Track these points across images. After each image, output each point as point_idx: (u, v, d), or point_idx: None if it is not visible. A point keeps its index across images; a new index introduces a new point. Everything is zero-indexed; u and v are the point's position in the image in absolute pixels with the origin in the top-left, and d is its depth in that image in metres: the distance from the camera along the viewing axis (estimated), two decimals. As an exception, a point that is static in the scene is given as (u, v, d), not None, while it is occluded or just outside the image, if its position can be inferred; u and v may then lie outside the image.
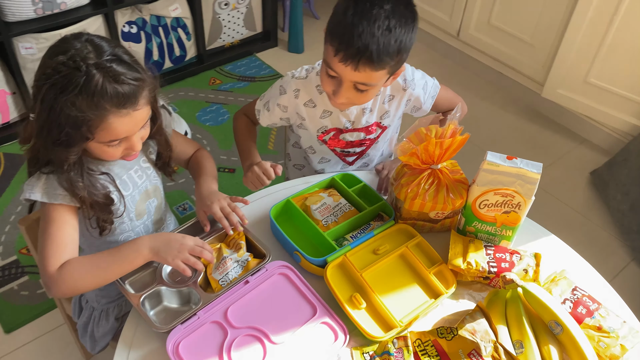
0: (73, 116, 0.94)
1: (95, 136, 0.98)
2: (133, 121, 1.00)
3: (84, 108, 0.94)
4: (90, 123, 0.95)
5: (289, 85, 1.36)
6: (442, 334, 1.04)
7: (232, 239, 1.16)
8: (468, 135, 1.14)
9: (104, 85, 0.93)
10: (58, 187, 1.02)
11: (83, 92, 0.92)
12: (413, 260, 1.17)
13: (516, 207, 1.16)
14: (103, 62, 0.94)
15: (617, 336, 1.03)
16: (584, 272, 1.22)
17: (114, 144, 1.02)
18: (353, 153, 1.47)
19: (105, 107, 0.95)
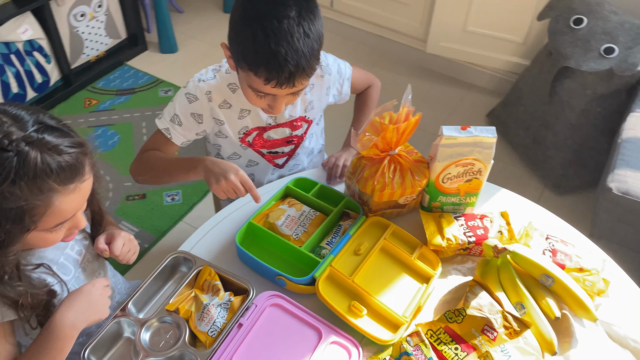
0: (14, 209, 0.76)
1: (39, 225, 0.81)
2: (80, 195, 0.85)
3: (25, 195, 0.76)
4: (34, 211, 0.78)
5: (198, 90, 1.24)
6: (451, 318, 1.03)
7: (204, 280, 1.05)
8: (420, 114, 1.12)
9: (44, 161, 0.76)
10: None
11: (20, 176, 0.75)
12: (395, 251, 1.14)
13: (477, 174, 1.18)
14: (30, 134, 0.76)
15: (598, 272, 1.10)
16: (542, 216, 1.28)
17: (58, 227, 0.85)
18: (282, 153, 1.39)
19: (50, 187, 0.78)
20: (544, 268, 1.07)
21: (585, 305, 1.03)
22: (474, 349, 0.99)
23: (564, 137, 2.12)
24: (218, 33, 3.12)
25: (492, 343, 0.98)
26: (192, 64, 2.89)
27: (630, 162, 1.60)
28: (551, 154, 2.18)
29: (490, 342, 0.99)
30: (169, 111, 1.26)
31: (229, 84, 1.24)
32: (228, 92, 1.25)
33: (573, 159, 2.14)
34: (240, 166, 1.37)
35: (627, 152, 1.64)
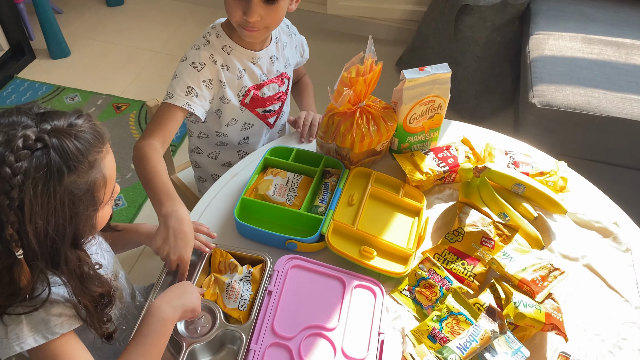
0: (82, 194, 0.76)
1: (104, 199, 0.82)
2: (112, 155, 0.85)
3: (84, 176, 0.77)
4: (97, 186, 0.79)
5: (201, 56, 1.25)
6: (452, 238, 1.14)
7: (218, 262, 1.06)
8: (381, 63, 1.20)
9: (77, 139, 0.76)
10: (48, 320, 0.79)
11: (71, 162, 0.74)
12: (383, 194, 1.22)
13: (438, 109, 1.28)
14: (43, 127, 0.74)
15: (555, 172, 1.26)
16: (494, 137, 1.43)
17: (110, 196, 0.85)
18: (273, 111, 1.44)
19: (95, 158, 0.79)
20: (515, 178, 1.20)
21: (555, 200, 1.19)
22: (478, 260, 1.11)
23: (473, 70, 2.31)
24: (108, 27, 2.96)
25: (492, 251, 1.11)
26: (91, 65, 2.74)
27: (543, 77, 1.80)
28: (463, 87, 2.37)
29: (490, 250, 1.11)
30: (180, 87, 1.22)
31: (222, 47, 1.26)
32: (224, 54, 1.27)
33: (483, 88, 2.35)
34: (236, 130, 1.40)
35: (538, 70, 1.84)
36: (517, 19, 2.22)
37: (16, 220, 0.72)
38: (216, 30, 1.29)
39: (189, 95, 1.22)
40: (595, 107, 1.70)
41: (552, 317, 0.96)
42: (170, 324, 0.89)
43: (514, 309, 0.97)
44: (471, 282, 1.08)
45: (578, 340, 1.02)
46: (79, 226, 0.79)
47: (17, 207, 0.71)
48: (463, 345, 0.92)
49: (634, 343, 1.02)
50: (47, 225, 0.74)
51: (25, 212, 0.71)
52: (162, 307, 0.89)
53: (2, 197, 0.70)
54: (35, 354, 0.80)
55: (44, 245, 0.76)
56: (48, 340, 0.79)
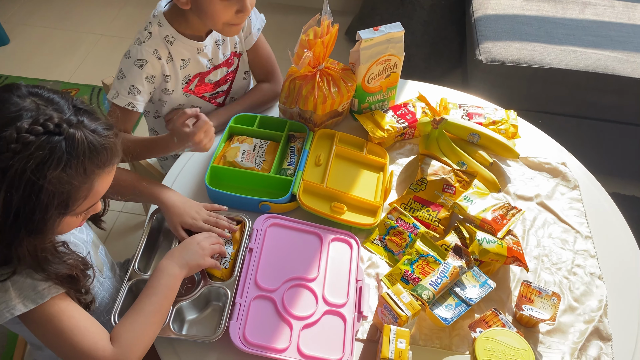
0: (62, 193, 0.75)
1: (76, 209, 0.80)
2: (111, 178, 0.85)
3: (73, 179, 0.75)
4: (78, 195, 0.78)
5: (144, 53, 1.21)
6: (416, 188, 1.20)
7: (199, 226, 1.10)
8: (337, 25, 1.23)
9: (91, 143, 0.76)
10: (36, 284, 0.81)
11: (71, 158, 0.74)
12: (348, 153, 1.27)
13: (394, 68, 1.33)
14: (70, 117, 0.76)
15: (506, 120, 1.34)
16: (448, 93, 1.49)
17: (86, 211, 0.85)
18: (221, 92, 1.42)
19: (93, 170, 0.78)
20: (470, 128, 1.28)
21: (508, 146, 1.27)
22: (442, 206, 1.18)
23: (421, 34, 2.38)
24: (48, 12, 2.86)
25: (453, 197, 1.18)
26: (33, 52, 2.65)
27: (488, 35, 1.89)
28: (413, 52, 2.42)
29: (452, 196, 1.18)
30: (123, 86, 1.21)
31: (164, 37, 1.23)
32: (167, 45, 1.24)
33: (432, 52, 2.42)
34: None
35: (483, 28, 1.92)
36: (460, -18, 2.30)
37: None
38: (158, 19, 1.23)
39: (132, 94, 1.22)
40: (538, 60, 1.80)
41: (513, 250, 1.05)
42: (177, 280, 0.94)
43: (479, 246, 1.04)
44: (436, 226, 1.15)
45: (537, 270, 1.11)
46: (41, 219, 0.77)
47: (2, 170, 0.72)
48: (435, 282, 0.99)
49: (586, 268, 1.12)
50: (18, 204, 0.74)
51: (5, 179, 0.72)
52: (170, 264, 0.94)
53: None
54: (28, 319, 0.82)
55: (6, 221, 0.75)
56: (38, 305, 0.80)
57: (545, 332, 1.02)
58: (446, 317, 0.97)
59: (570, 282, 1.10)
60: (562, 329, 1.02)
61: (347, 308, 1.01)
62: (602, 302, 1.06)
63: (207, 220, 1.08)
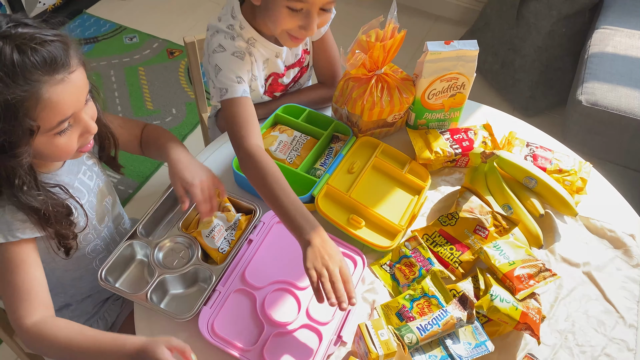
0: (4, 103, 0.75)
1: (39, 122, 0.80)
2: (73, 88, 0.82)
3: (9, 89, 0.75)
4: (24, 104, 0.77)
5: (238, 46, 1.16)
6: (445, 222, 1.10)
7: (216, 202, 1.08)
8: (405, 31, 1.15)
9: (22, 51, 0.76)
10: (12, 222, 0.85)
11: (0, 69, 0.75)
12: (386, 167, 1.19)
13: (461, 88, 1.22)
14: (4, 30, 0.76)
15: (576, 172, 1.18)
16: (522, 127, 1.35)
17: (64, 127, 0.84)
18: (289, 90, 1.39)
19: (34, 78, 0.77)
20: (527, 171, 1.14)
21: (567, 201, 1.12)
22: (468, 247, 1.06)
23: (532, 60, 2.18)
24: None
25: (484, 241, 1.06)
26: (153, 8, 2.81)
27: (598, 75, 1.68)
28: (519, 77, 2.25)
29: (482, 240, 1.06)
30: (228, 78, 1.12)
31: (248, 40, 1.18)
32: (250, 47, 1.18)
33: (540, 81, 2.22)
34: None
35: (594, 67, 1.71)
36: (588, 11, 2.07)
37: None
38: (239, 22, 1.17)
39: (241, 83, 1.13)
40: (649, 113, 1.57)
41: (527, 317, 0.92)
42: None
43: (489, 302, 0.93)
44: (456, 268, 1.04)
45: (556, 347, 0.97)
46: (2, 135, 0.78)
47: None
48: (423, 326, 0.90)
49: (617, 361, 0.96)
50: None
51: None
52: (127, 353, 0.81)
53: None
54: None
55: None
56: (7, 242, 0.84)
57: (541, 419, 0.88)
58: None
59: (591, 371, 0.94)
60: (561, 422, 0.88)
61: (327, 328, 0.95)
62: (622, 406, 0.90)
63: (203, 190, 1.01)
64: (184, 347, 0.81)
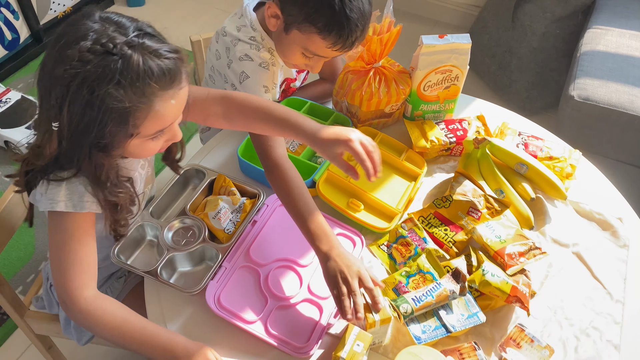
0: (117, 109, 0.79)
1: (141, 129, 0.84)
2: (179, 103, 0.87)
3: (128, 97, 0.79)
4: (136, 114, 0.81)
5: (263, 57, 1.21)
6: (440, 204, 1.15)
7: (220, 187, 1.14)
8: (401, 26, 1.21)
9: (146, 64, 0.79)
10: (84, 194, 0.89)
11: (124, 78, 0.78)
12: (384, 155, 1.25)
13: (455, 80, 1.29)
14: (132, 39, 0.79)
15: (565, 159, 1.23)
16: (514, 119, 1.41)
17: (158, 136, 0.89)
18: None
19: (151, 91, 0.81)
20: (518, 157, 1.19)
21: (556, 185, 1.17)
22: (461, 228, 1.12)
23: (527, 61, 2.25)
24: None
25: (477, 222, 1.11)
26: (161, 15, 2.90)
27: (589, 71, 1.74)
28: (516, 77, 2.31)
29: (475, 221, 1.12)
30: (256, 88, 1.20)
31: (268, 49, 1.23)
32: (270, 55, 1.24)
33: (536, 81, 2.28)
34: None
35: (586, 64, 1.77)
36: (581, 13, 2.13)
37: (60, 96, 0.79)
38: (259, 33, 1.22)
39: (266, 92, 1.21)
40: (639, 107, 1.62)
41: (517, 290, 0.97)
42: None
43: (481, 276, 0.98)
44: (450, 247, 1.09)
45: (545, 320, 1.02)
46: (102, 135, 0.81)
47: (66, 85, 0.78)
48: (418, 297, 0.95)
49: (604, 334, 1.00)
50: (81, 117, 0.80)
51: (69, 93, 0.78)
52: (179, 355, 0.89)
53: (60, 69, 0.78)
54: (56, 219, 0.90)
55: (73, 132, 0.81)
56: (74, 211, 0.88)
57: (530, 385, 0.93)
58: (418, 336, 0.92)
59: (579, 342, 0.99)
60: (550, 388, 0.93)
61: (327, 302, 1.00)
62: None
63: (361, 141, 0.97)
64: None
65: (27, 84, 2.44)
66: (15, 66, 2.48)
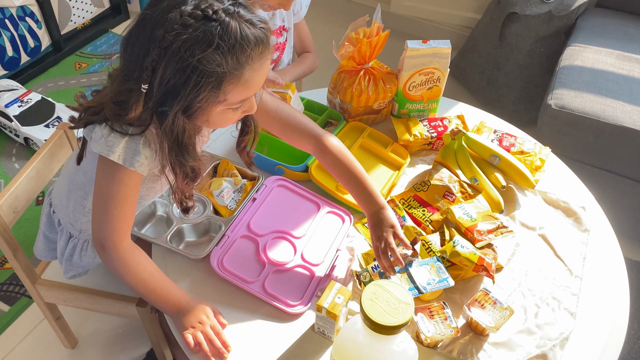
0: (213, 73, 0.82)
1: (228, 97, 0.87)
2: (263, 73, 0.90)
3: (225, 62, 0.82)
4: (230, 81, 0.85)
5: None
6: (419, 188, 1.29)
7: (223, 170, 1.28)
8: (388, 31, 1.37)
9: (243, 32, 0.82)
10: (138, 153, 0.92)
11: (223, 42, 0.81)
12: (371, 146, 1.39)
13: (437, 82, 1.43)
14: (228, 7, 0.83)
15: (535, 153, 1.37)
16: (494, 121, 1.55)
17: (240, 105, 0.92)
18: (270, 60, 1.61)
19: (244, 59, 0.84)
20: (492, 149, 1.33)
21: (525, 175, 1.31)
22: (438, 209, 1.25)
23: (514, 77, 2.40)
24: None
25: (451, 204, 1.25)
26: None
27: (566, 83, 1.89)
28: (503, 92, 2.46)
29: (450, 203, 1.25)
30: None
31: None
32: None
33: (522, 96, 2.43)
34: None
35: (563, 77, 1.92)
36: (563, 33, 2.30)
37: (157, 58, 0.82)
38: None
39: None
40: (610, 115, 1.76)
41: (484, 261, 1.09)
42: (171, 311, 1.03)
43: (452, 247, 1.11)
44: (427, 226, 1.22)
45: (510, 290, 1.14)
46: (194, 99, 0.84)
47: (164, 47, 0.81)
48: (376, 265, 1.09)
49: (562, 303, 1.12)
50: (172, 79, 0.82)
51: (166, 56, 0.81)
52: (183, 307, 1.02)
53: (160, 31, 0.80)
54: (108, 168, 0.94)
55: (162, 94, 0.84)
56: (123, 166, 0.93)
57: (493, 342, 1.05)
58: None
59: (539, 309, 1.11)
60: (510, 345, 1.05)
61: (319, 267, 1.13)
62: (563, 335, 1.06)
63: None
64: (219, 312, 1.03)
65: (46, 88, 2.61)
66: (36, 71, 2.65)
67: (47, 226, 1.29)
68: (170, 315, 1.04)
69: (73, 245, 1.23)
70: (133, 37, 0.86)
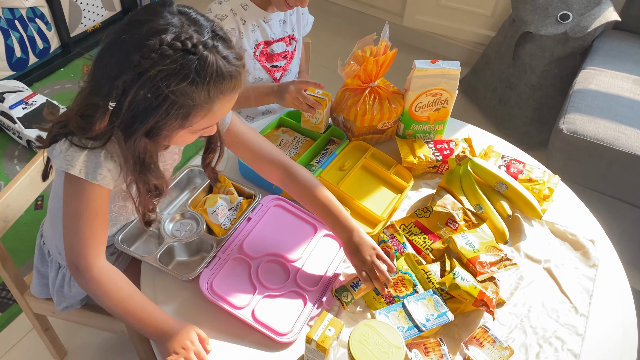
0: (183, 105, 0.84)
1: (194, 125, 0.89)
2: (232, 104, 0.93)
3: (197, 95, 0.84)
4: (198, 112, 0.87)
5: (223, 9, 1.44)
6: (420, 214, 1.24)
7: (220, 186, 1.24)
8: (396, 50, 1.33)
9: (219, 70, 0.84)
10: (100, 166, 0.92)
11: (199, 77, 0.83)
12: (374, 167, 1.35)
13: (444, 103, 1.39)
14: (207, 41, 0.84)
15: (544, 182, 1.31)
16: (502, 145, 1.50)
17: (201, 131, 0.94)
18: (279, 67, 1.61)
19: (215, 93, 0.86)
20: (498, 176, 1.28)
21: (533, 204, 1.25)
22: (439, 237, 1.20)
23: (527, 97, 2.35)
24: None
25: (454, 233, 1.20)
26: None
27: (580, 108, 1.83)
28: (515, 112, 2.41)
29: (452, 232, 1.20)
30: None
31: (240, 3, 1.46)
32: (241, 9, 1.47)
33: (534, 117, 2.37)
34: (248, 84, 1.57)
35: (577, 100, 1.87)
36: (579, 55, 2.24)
37: (129, 81, 0.82)
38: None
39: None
40: (624, 143, 1.71)
41: (485, 295, 1.04)
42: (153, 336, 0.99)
43: (452, 279, 1.06)
44: (427, 254, 1.17)
45: (511, 326, 1.09)
46: (161, 125, 0.86)
47: (139, 73, 0.82)
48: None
49: (565, 343, 1.07)
50: (142, 104, 0.83)
51: (139, 80, 0.82)
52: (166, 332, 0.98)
53: (137, 56, 0.81)
54: (74, 185, 0.93)
55: (129, 115, 0.84)
56: (86, 180, 0.92)
57: (490, 383, 1.00)
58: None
59: (541, 349, 1.06)
60: (509, 387, 0.99)
61: (312, 294, 1.08)
62: (566, 379, 1.01)
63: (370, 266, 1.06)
64: (205, 337, 0.99)
65: (53, 90, 2.59)
66: (44, 73, 2.64)
67: (39, 259, 1.27)
68: (153, 339, 1.00)
69: (62, 275, 1.21)
70: (108, 54, 0.86)
